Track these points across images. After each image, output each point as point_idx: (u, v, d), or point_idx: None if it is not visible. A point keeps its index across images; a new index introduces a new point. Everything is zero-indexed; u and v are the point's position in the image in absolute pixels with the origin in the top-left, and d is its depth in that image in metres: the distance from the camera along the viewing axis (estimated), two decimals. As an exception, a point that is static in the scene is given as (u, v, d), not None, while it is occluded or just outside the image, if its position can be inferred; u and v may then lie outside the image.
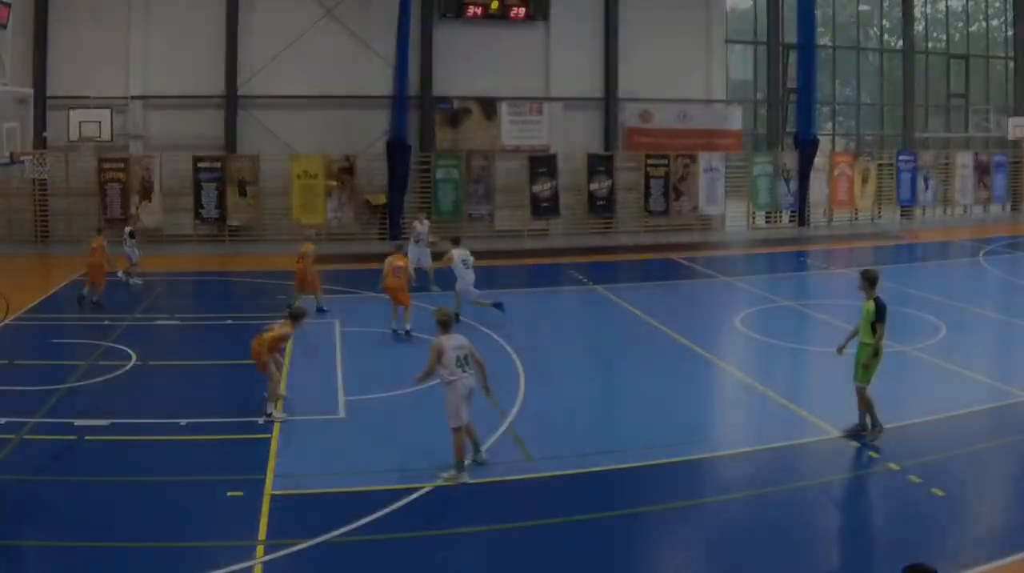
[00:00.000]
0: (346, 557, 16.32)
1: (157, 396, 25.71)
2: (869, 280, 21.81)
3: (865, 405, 21.86)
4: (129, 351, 29.54)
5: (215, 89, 54.96)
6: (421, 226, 40.53)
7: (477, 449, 20.50)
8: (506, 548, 16.81)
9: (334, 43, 55.88)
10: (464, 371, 19.85)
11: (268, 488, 18.86)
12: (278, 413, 23.46)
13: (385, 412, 24.33)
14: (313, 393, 25.62)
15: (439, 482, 19.42)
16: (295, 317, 24.59)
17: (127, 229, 43.21)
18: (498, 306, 33.57)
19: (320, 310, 34.74)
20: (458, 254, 33.40)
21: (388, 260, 32.58)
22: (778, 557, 16.39)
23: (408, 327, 31.57)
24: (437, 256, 37.36)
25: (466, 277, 33.20)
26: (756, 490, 19.19)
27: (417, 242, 39.31)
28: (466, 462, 19.87)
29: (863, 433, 21.85)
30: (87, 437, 21.80)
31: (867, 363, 21.55)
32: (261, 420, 23.10)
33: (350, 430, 22.96)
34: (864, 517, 18.83)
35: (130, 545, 16.43)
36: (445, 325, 20.39)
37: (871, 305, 21.64)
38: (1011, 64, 73.32)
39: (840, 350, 22.56)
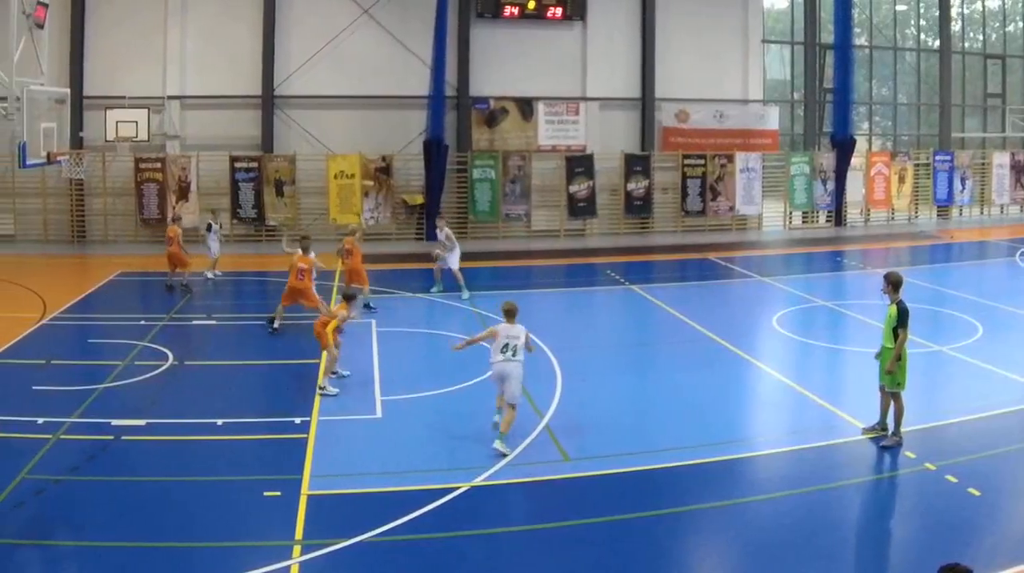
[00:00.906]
0: (383, 557, 16.16)
1: (194, 396, 25.44)
2: (893, 283, 21.59)
3: (887, 408, 21.65)
4: (166, 351, 29.21)
5: (252, 89, 54.05)
6: (440, 232, 38.89)
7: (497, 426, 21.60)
8: (543, 548, 16.72)
9: (371, 43, 55.00)
10: (504, 356, 21.14)
11: (305, 488, 18.77)
12: (330, 389, 24.99)
13: (422, 412, 24.05)
14: (350, 393, 25.28)
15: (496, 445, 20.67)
16: (348, 298, 26.17)
17: (208, 222, 43.48)
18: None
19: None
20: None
21: (292, 260, 32.08)
22: (814, 557, 16.22)
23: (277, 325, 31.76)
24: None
25: None
26: (792, 490, 19.05)
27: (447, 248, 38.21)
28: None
29: (881, 433, 21.67)
30: (123, 437, 21.60)
31: (891, 368, 21.20)
32: (321, 388, 24.83)
33: (387, 430, 22.66)
34: (900, 517, 18.63)
35: (166, 545, 16.32)
36: (510, 314, 21.78)
37: (893, 310, 21.35)
38: (1048, 64, 72.10)
39: (878, 356, 22.09)
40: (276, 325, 32.03)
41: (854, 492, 19.05)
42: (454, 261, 38.02)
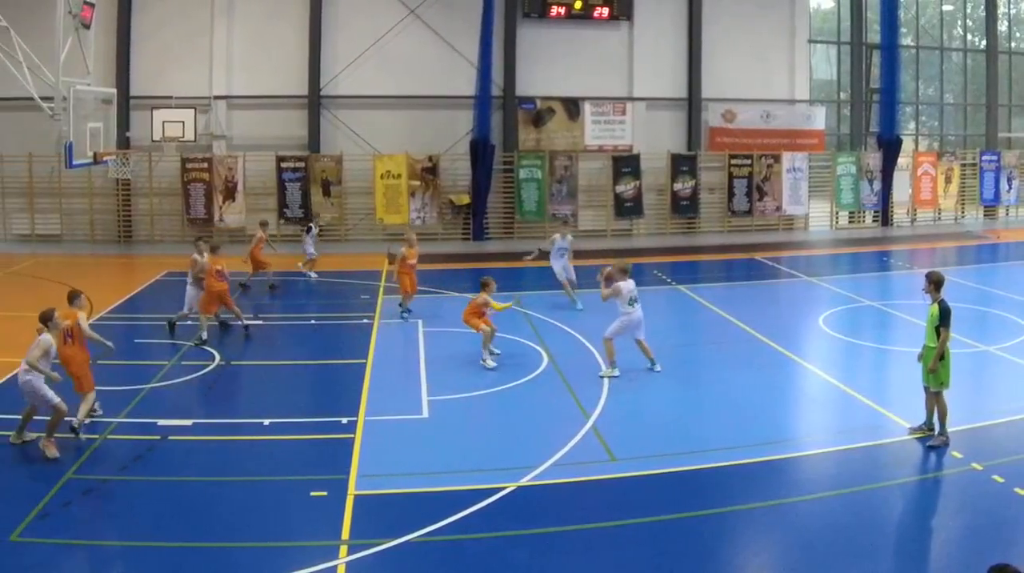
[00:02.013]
0: (429, 557, 15.92)
1: (240, 396, 25.60)
2: (934, 282, 21.12)
3: (932, 407, 21.18)
4: (212, 351, 28.95)
5: (298, 89, 53.12)
6: (563, 239, 36.51)
7: (652, 363, 26.60)
8: (588, 548, 16.35)
9: (417, 43, 53.94)
10: (632, 307, 26.02)
11: (351, 488, 18.56)
12: (489, 361, 27.00)
13: (468, 412, 23.74)
14: (396, 393, 24.99)
15: (602, 373, 24.71)
16: (485, 285, 27.90)
17: (308, 225, 43.48)
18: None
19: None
20: None
21: (206, 261, 31.19)
22: (860, 557, 15.86)
23: (205, 337, 30.40)
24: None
25: None
26: (839, 490, 18.68)
27: (561, 255, 36.29)
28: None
29: (928, 433, 21.21)
30: (170, 437, 21.39)
31: (933, 367, 20.77)
32: (484, 362, 26.67)
33: (433, 430, 22.29)
34: (946, 517, 18.18)
35: (213, 545, 16.19)
36: (625, 271, 26.24)
37: (935, 309, 20.94)
38: (1094, 64, 70.09)
39: (920, 356, 21.57)
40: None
41: (900, 492, 18.74)
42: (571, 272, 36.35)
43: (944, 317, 20.60)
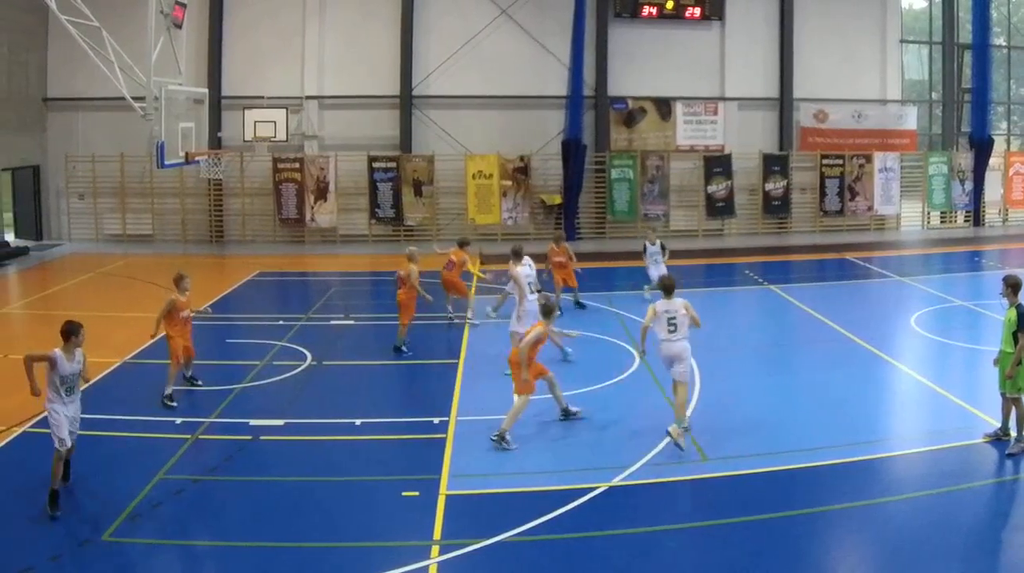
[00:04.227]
0: (520, 557, 15.60)
1: (331, 396, 24.87)
2: (1012, 286, 20.20)
3: (1008, 412, 20.28)
4: (304, 351, 28.51)
5: (390, 89, 51.60)
6: (652, 245, 34.99)
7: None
8: (680, 548, 16.03)
9: (509, 43, 52.21)
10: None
11: (443, 488, 18.23)
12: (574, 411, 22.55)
13: (559, 412, 22.56)
14: (488, 393, 24.26)
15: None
16: (546, 313, 22.12)
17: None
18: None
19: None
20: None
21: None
22: (950, 558, 15.42)
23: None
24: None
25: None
26: (930, 490, 18.13)
27: (655, 261, 34.60)
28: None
29: (1003, 438, 20.25)
30: (261, 437, 21.15)
31: (1011, 373, 19.76)
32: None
33: (525, 430, 21.40)
34: None
35: (304, 545, 15.94)
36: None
37: (1013, 313, 19.92)
38: None
39: (996, 361, 20.75)
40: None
41: (992, 493, 18.24)
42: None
43: (1022, 322, 19.55)
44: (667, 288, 21.33)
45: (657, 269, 33.64)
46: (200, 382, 24.27)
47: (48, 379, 17.02)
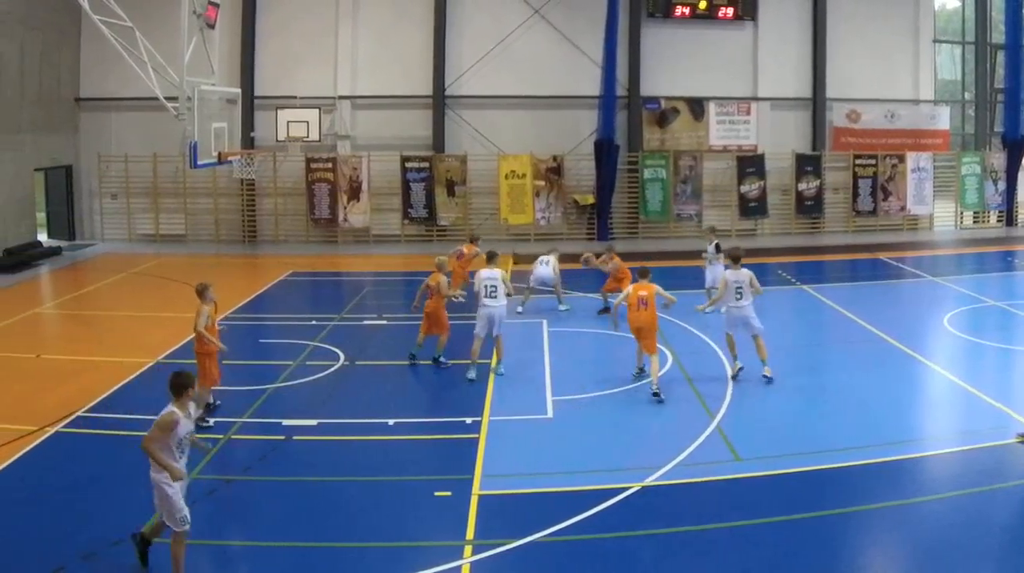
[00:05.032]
0: (553, 557, 15.53)
1: (364, 396, 24.72)
2: None
3: None
4: (337, 351, 28.31)
5: (423, 89, 50.90)
6: (710, 245, 33.83)
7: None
8: (713, 548, 15.89)
9: (541, 43, 51.38)
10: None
11: (476, 488, 18.16)
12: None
13: (592, 412, 23.04)
14: (521, 393, 24.33)
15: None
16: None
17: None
18: None
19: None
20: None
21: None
22: (984, 558, 15.26)
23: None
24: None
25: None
26: (963, 490, 17.96)
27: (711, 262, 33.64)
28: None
29: None
30: (295, 437, 21.04)
31: None
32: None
33: (557, 430, 21.74)
34: None
35: (337, 545, 15.95)
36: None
37: None
38: None
39: None
40: None
41: None
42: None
43: None
44: (736, 258, 24.60)
45: (712, 271, 33.11)
46: (210, 422, 21.91)
47: (160, 445, 14.37)
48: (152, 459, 14.15)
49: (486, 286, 25.25)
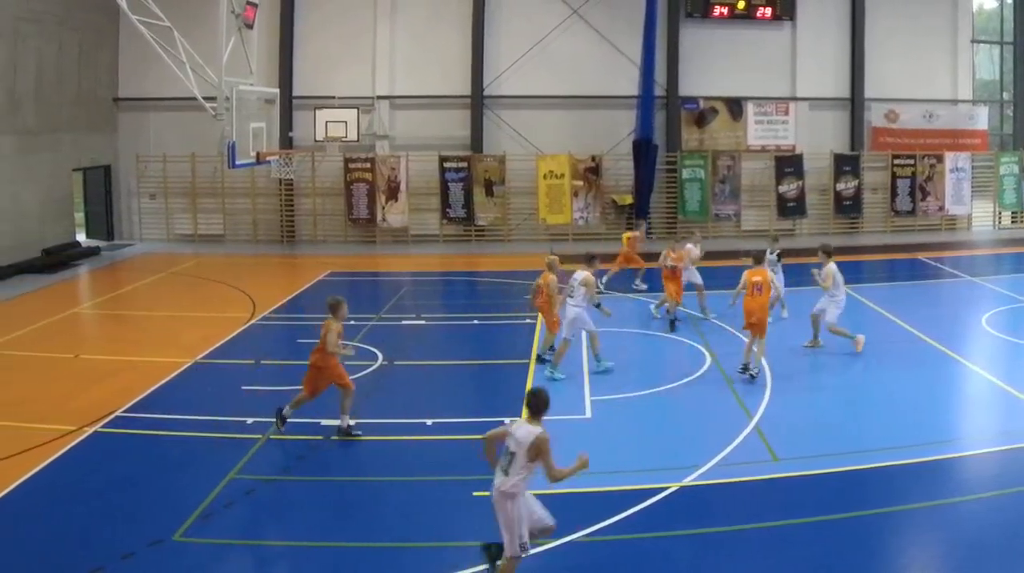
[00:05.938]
0: (592, 557, 15.37)
1: (403, 396, 24.53)
2: None
3: None
4: (375, 351, 27.90)
5: (461, 89, 50.28)
6: (771, 253, 31.77)
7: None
8: (751, 548, 15.73)
9: (580, 43, 50.56)
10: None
11: None
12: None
13: (631, 412, 22.88)
14: (559, 393, 22.42)
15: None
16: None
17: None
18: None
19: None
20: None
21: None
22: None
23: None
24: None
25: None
26: (1002, 490, 17.68)
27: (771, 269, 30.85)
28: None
29: None
30: (333, 437, 20.76)
31: None
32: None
33: (596, 430, 21.45)
34: None
35: (375, 545, 15.85)
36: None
37: None
38: None
39: None
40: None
41: None
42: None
43: None
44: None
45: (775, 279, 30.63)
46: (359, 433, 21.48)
47: (521, 464, 13.96)
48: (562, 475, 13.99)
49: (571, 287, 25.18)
